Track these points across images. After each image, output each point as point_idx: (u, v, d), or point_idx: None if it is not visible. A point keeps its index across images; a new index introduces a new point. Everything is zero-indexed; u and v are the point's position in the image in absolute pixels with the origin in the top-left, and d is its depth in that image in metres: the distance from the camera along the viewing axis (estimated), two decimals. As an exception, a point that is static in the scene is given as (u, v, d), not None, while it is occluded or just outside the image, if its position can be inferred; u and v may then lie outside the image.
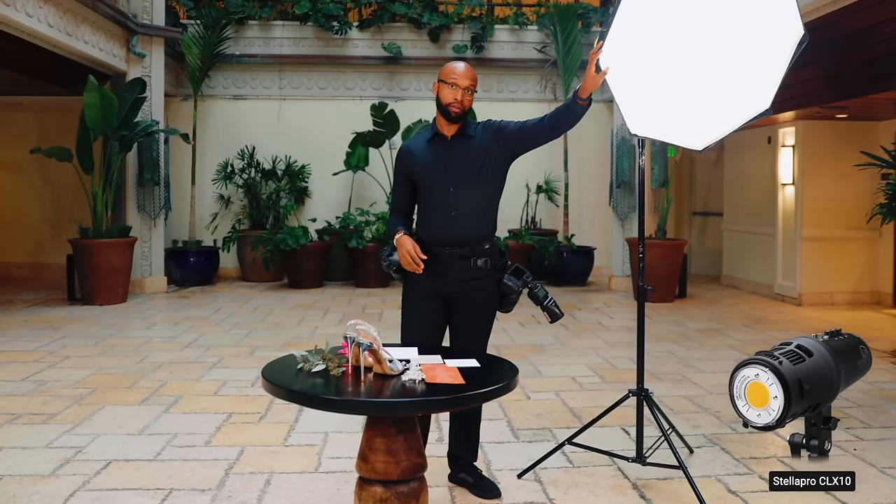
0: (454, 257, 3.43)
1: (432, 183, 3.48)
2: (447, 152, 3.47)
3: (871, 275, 9.79)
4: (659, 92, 3.66)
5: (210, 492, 3.62)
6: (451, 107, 3.40)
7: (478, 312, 3.52)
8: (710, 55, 3.52)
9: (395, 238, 3.43)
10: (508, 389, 2.65)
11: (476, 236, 3.45)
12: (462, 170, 3.45)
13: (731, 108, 3.54)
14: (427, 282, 3.46)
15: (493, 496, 3.56)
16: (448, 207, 3.43)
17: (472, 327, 3.54)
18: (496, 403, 4.97)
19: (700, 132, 3.67)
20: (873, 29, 6.63)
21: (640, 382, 3.70)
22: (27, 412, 4.84)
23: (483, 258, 3.46)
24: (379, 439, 2.58)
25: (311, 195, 12.23)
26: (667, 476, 3.78)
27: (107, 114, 8.97)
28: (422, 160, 3.50)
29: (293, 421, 4.65)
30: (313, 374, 2.66)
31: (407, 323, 3.55)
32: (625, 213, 10.72)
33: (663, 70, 3.61)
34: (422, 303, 3.49)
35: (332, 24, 12.01)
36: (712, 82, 3.54)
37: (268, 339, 7.26)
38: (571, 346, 7.00)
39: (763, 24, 3.43)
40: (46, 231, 11.89)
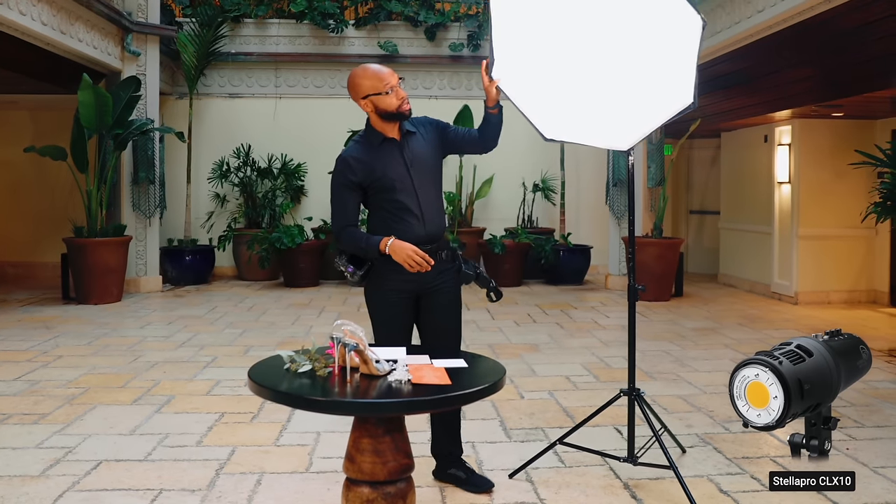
0: (426, 252, 3.36)
1: (400, 185, 3.41)
2: (402, 152, 3.44)
3: (868, 273, 9.78)
4: (569, 95, 3.58)
5: (200, 492, 3.60)
6: (402, 107, 3.36)
7: (451, 304, 3.56)
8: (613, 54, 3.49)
9: (387, 245, 3.31)
10: (495, 390, 2.63)
11: (441, 230, 3.52)
12: (422, 167, 3.47)
13: (651, 105, 3.51)
14: (400, 284, 3.43)
15: (486, 490, 3.57)
16: (418, 206, 3.42)
17: (447, 320, 3.56)
18: (489, 403, 4.95)
19: (622, 132, 3.62)
20: (868, 27, 6.61)
21: (631, 382, 3.70)
22: (18, 412, 4.82)
23: (445, 250, 3.51)
24: (366, 440, 2.57)
25: (307, 194, 12.21)
26: (658, 476, 3.77)
27: (101, 112, 8.95)
28: (376, 166, 3.40)
29: (285, 421, 4.63)
30: (300, 374, 2.65)
31: (380, 329, 3.57)
32: (621, 212, 10.70)
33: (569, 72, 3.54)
34: (394, 306, 3.49)
35: (328, 22, 11.99)
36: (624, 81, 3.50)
37: (262, 338, 7.24)
38: (566, 345, 6.99)
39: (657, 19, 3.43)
40: (41, 230, 11.85)
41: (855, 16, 6.46)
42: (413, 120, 3.51)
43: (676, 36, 3.42)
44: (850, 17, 6.50)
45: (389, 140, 3.43)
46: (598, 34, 3.51)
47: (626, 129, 3.61)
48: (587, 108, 3.60)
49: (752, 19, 7.36)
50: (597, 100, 3.57)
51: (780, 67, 8.41)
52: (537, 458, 3.81)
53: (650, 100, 3.51)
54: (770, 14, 7.02)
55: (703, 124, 10.13)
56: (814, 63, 8.00)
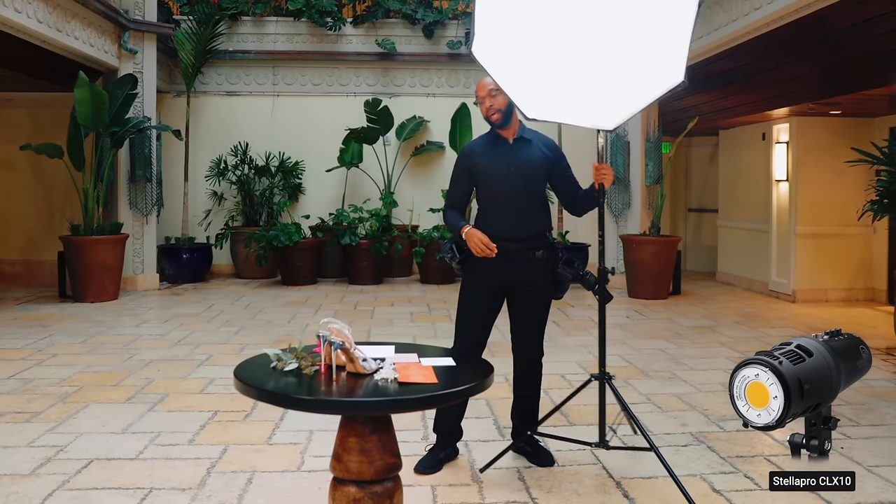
0: (516, 250, 3.71)
1: (496, 181, 3.77)
2: (509, 154, 3.78)
3: (866, 271, 9.76)
4: (553, 72, 3.50)
5: (190, 491, 3.58)
6: (490, 118, 3.76)
7: (536, 301, 3.81)
8: (600, 29, 3.38)
9: (464, 231, 3.71)
10: (482, 388, 2.62)
11: (531, 232, 3.75)
12: (521, 170, 3.76)
13: (640, 83, 3.41)
14: (490, 275, 3.75)
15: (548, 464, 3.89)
16: (507, 204, 3.73)
17: (532, 312, 3.82)
18: (483, 401, 4.94)
19: (608, 111, 3.52)
20: (866, 24, 6.59)
21: (601, 366, 3.67)
22: (11, 410, 4.81)
23: (541, 250, 3.76)
24: (352, 439, 2.55)
25: (305, 192, 12.20)
26: (652, 475, 3.75)
27: (98, 110, 8.93)
28: (484, 160, 3.81)
29: (278, 419, 4.62)
30: (286, 373, 2.63)
31: (464, 312, 3.84)
32: (619, 210, 10.67)
33: (554, 48, 3.46)
34: (480, 294, 3.80)
35: (325, 20, 11.98)
36: (612, 57, 3.39)
37: (258, 336, 7.22)
38: (562, 343, 6.96)
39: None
40: (38, 228, 11.86)
41: (852, 13, 6.44)
42: (532, 132, 3.87)
43: (671, 10, 3.32)
44: (848, 13, 6.48)
45: (502, 140, 3.82)
46: (586, 6, 3.41)
47: (612, 108, 3.51)
48: (572, 86, 3.50)
49: (749, 17, 7.34)
50: (582, 77, 3.46)
51: (778, 65, 8.39)
52: (506, 452, 3.87)
53: (639, 77, 3.40)
54: (767, 11, 7.00)
55: (700, 122, 10.12)
56: (811, 60, 7.98)
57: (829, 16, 6.63)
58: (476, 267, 3.78)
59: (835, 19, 6.72)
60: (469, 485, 3.66)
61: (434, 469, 3.80)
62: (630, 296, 9.89)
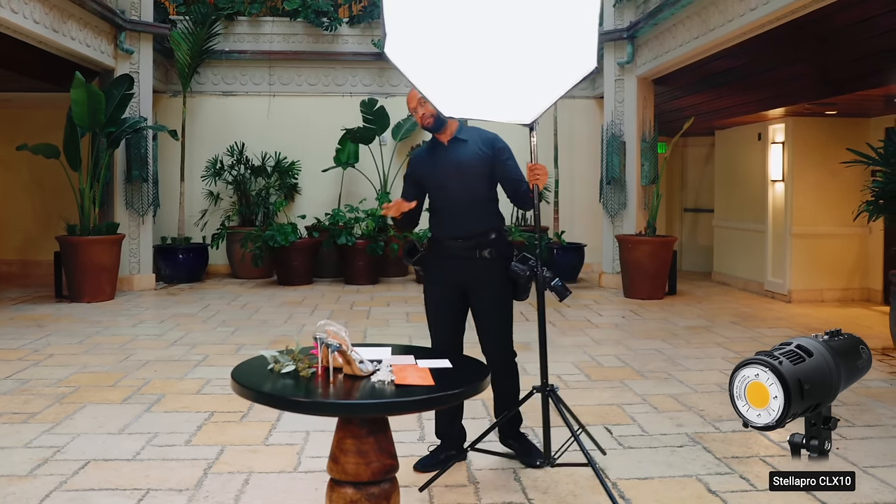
0: (463, 249, 3.75)
1: (436, 185, 3.84)
2: (444, 157, 3.81)
3: (861, 272, 9.78)
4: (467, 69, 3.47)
5: (187, 492, 3.59)
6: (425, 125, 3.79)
7: (493, 299, 3.80)
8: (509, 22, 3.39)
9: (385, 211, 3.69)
10: (478, 390, 2.63)
11: (476, 231, 3.75)
12: (457, 171, 3.77)
13: (552, 74, 3.40)
14: (445, 275, 3.81)
15: (532, 464, 3.85)
16: (451, 204, 3.79)
17: (490, 311, 3.81)
18: (479, 402, 4.95)
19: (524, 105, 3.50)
20: (862, 25, 6.61)
21: (543, 377, 3.62)
22: (7, 411, 4.81)
23: (488, 248, 3.75)
24: (349, 440, 2.56)
25: (301, 192, 12.20)
26: (647, 475, 3.77)
27: (94, 110, 8.93)
28: (424, 165, 3.90)
29: (275, 420, 4.62)
30: (283, 375, 2.64)
31: (431, 314, 3.91)
32: (615, 210, 10.69)
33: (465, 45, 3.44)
34: (440, 295, 3.84)
35: (322, 20, 11.98)
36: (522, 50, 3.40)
37: (254, 336, 7.23)
38: (558, 343, 6.97)
39: None
40: (34, 228, 11.85)
41: (848, 13, 6.46)
42: (472, 131, 3.87)
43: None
44: (844, 14, 6.50)
45: (439, 144, 3.86)
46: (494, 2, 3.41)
47: (528, 102, 3.49)
48: (486, 82, 3.48)
49: (745, 17, 7.35)
50: (496, 72, 3.45)
51: (774, 65, 8.41)
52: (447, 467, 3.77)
53: (551, 68, 3.40)
54: (763, 11, 7.01)
55: (696, 122, 10.14)
56: (807, 61, 8.00)
57: (824, 16, 6.65)
58: (431, 268, 3.87)
59: (831, 20, 6.74)
60: (465, 486, 3.67)
61: (431, 469, 3.78)
62: (626, 296, 9.91)
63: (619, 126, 10.61)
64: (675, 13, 8.84)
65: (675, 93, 10.73)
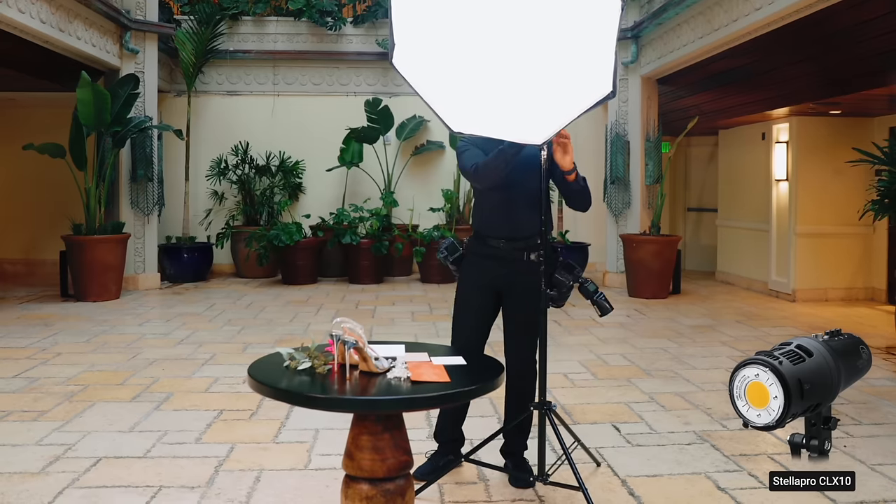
0: (509, 250, 3.61)
1: None
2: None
3: (865, 271, 9.80)
4: (478, 84, 3.31)
5: (199, 489, 3.61)
6: None
7: (530, 302, 3.59)
8: (525, 40, 3.27)
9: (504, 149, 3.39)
10: (493, 387, 2.65)
11: (529, 232, 3.61)
12: (524, 170, 3.57)
13: (567, 95, 3.27)
14: (484, 275, 3.67)
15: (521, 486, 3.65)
16: (508, 202, 3.61)
17: (524, 315, 3.65)
18: (487, 400, 4.96)
19: (536, 124, 3.32)
20: (867, 24, 6.63)
21: (542, 395, 3.51)
22: (18, 409, 4.83)
23: (536, 252, 3.58)
24: (365, 437, 2.58)
25: (305, 191, 12.22)
26: (657, 473, 3.79)
27: (100, 110, 8.95)
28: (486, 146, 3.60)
29: (284, 418, 4.64)
30: (299, 371, 2.66)
31: (460, 315, 3.78)
32: (619, 210, 10.70)
33: (477, 59, 3.29)
34: (475, 297, 3.70)
35: (326, 19, 12.00)
36: (537, 69, 3.27)
37: (260, 335, 7.25)
38: (564, 342, 6.99)
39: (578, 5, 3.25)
40: (40, 227, 11.86)
41: (853, 13, 6.47)
42: None
43: (594, 19, 3.21)
44: (848, 14, 6.51)
45: None
46: (509, 17, 3.28)
47: (540, 122, 3.32)
48: (498, 99, 3.32)
49: (749, 17, 7.36)
50: (508, 90, 3.30)
51: (778, 65, 8.42)
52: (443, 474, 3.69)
53: (566, 89, 3.27)
54: (768, 11, 7.03)
55: (700, 122, 10.15)
56: (812, 60, 8.02)
57: (829, 16, 6.66)
58: (470, 268, 3.72)
59: (835, 20, 6.75)
60: (476, 483, 3.69)
61: (430, 476, 3.64)
62: (630, 295, 9.92)
63: (623, 126, 10.63)
64: (680, 13, 8.86)
65: (679, 92, 10.75)
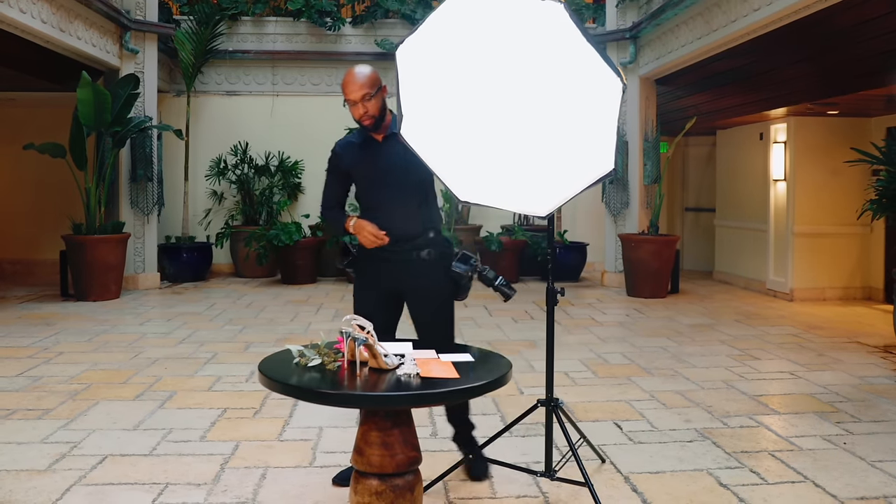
0: (398, 251, 3.52)
1: (368, 183, 3.58)
2: (377, 154, 3.55)
3: (863, 270, 9.85)
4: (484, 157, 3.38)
5: (206, 486, 3.63)
6: (362, 121, 3.48)
7: (430, 302, 3.60)
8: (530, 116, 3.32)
9: (350, 224, 3.50)
10: (502, 383, 2.67)
11: (410, 233, 3.53)
12: (392, 169, 3.52)
13: (570, 170, 3.35)
14: (379, 278, 3.58)
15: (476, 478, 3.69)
16: (383, 205, 3.54)
17: (429, 315, 3.62)
18: (489, 398, 5.00)
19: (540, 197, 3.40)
20: (864, 25, 6.67)
21: (549, 391, 3.53)
22: (22, 408, 4.85)
23: (426, 249, 3.54)
24: (374, 433, 2.61)
25: (304, 191, 12.25)
26: (660, 469, 3.82)
27: (100, 110, 8.97)
28: (354, 162, 3.59)
29: (287, 416, 4.67)
30: (309, 368, 2.69)
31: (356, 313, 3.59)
32: (618, 210, 10.74)
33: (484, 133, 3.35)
34: (372, 300, 3.59)
35: (325, 20, 12.03)
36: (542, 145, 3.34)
37: (262, 334, 7.28)
38: (564, 341, 7.02)
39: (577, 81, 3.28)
40: (40, 227, 11.87)
41: (851, 14, 6.51)
42: None
43: (597, 99, 3.28)
44: (846, 15, 6.55)
45: (372, 139, 3.57)
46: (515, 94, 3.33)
47: (544, 194, 3.39)
48: (504, 171, 3.38)
49: (748, 17, 7.40)
50: (514, 163, 3.37)
51: (777, 66, 8.46)
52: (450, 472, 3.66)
53: (569, 165, 3.34)
54: (767, 12, 7.07)
55: (698, 122, 10.19)
56: (810, 61, 8.06)
57: (827, 17, 6.70)
58: (364, 271, 3.62)
59: (833, 21, 6.79)
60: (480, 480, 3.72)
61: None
62: (629, 294, 9.96)
63: (621, 126, 10.64)
64: (679, 14, 8.90)
65: (678, 93, 10.80)
